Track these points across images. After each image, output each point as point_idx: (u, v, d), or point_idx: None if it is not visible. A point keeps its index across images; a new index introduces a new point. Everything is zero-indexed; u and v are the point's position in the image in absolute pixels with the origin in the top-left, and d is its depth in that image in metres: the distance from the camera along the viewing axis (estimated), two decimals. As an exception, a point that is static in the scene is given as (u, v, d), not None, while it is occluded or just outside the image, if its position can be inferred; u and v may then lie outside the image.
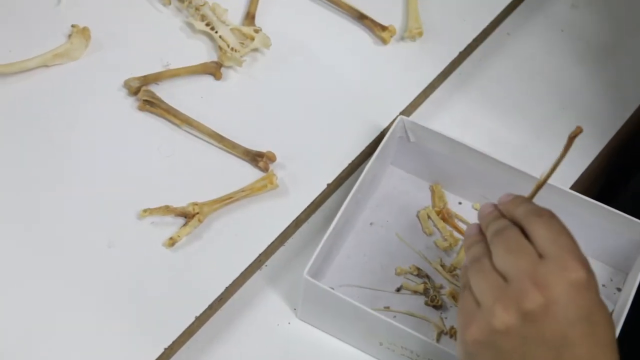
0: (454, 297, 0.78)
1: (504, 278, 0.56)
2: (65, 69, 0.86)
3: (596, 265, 0.80)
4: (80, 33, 0.87)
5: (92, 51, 0.87)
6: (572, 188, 0.82)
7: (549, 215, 0.58)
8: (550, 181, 0.62)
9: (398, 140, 0.82)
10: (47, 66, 0.85)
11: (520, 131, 0.88)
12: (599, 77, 0.93)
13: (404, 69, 0.90)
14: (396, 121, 0.80)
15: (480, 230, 0.61)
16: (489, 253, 0.58)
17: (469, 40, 0.92)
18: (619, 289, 0.80)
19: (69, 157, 0.80)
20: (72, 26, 0.87)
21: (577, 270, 0.54)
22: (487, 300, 0.56)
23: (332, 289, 0.73)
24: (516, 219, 0.59)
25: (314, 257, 0.71)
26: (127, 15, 0.91)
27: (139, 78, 0.85)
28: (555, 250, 0.55)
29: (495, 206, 0.62)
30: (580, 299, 0.54)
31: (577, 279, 0.54)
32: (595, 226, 0.77)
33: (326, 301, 0.71)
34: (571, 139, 0.59)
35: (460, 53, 0.91)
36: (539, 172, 0.76)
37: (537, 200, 0.61)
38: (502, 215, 0.60)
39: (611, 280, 0.81)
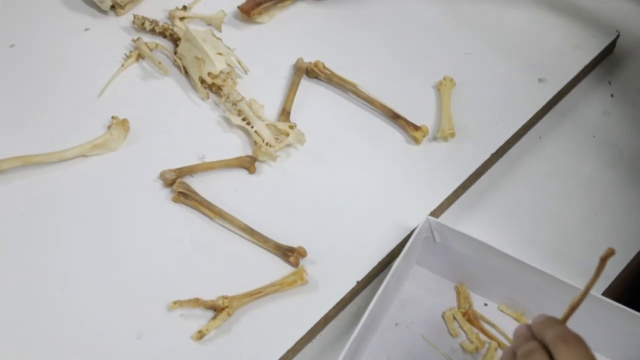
0: (481, 401, 0.77)
1: None
2: (103, 159, 0.88)
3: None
4: (120, 124, 0.89)
5: (130, 142, 0.89)
6: (604, 294, 0.81)
7: (575, 342, 0.59)
8: (581, 287, 0.61)
9: (424, 240, 0.82)
10: (85, 156, 0.87)
11: (550, 235, 0.88)
12: (631, 183, 0.93)
13: (436, 169, 0.90)
14: (423, 221, 0.80)
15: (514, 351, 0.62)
16: None
17: (500, 142, 0.93)
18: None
19: (102, 246, 0.82)
20: (112, 117, 0.90)
21: None
22: None
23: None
24: (545, 342, 0.60)
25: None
26: (165, 108, 0.93)
27: (174, 170, 0.86)
28: None
29: (528, 327, 0.63)
30: None
31: None
32: (628, 333, 0.76)
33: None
34: (603, 260, 0.59)
35: (492, 155, 0.92)
36: (567, 277, 0.77)
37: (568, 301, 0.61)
38: (534, 336, 0.61)
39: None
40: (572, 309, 0.61)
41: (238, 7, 1.00)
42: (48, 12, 1.00)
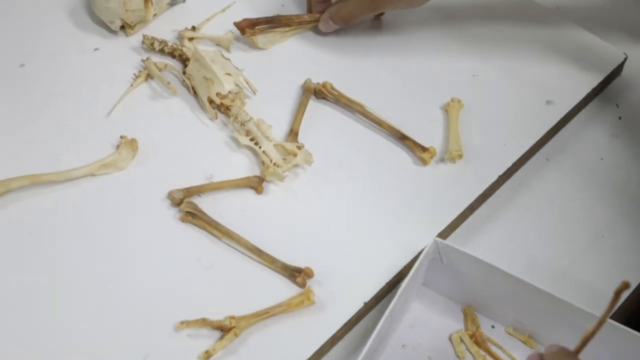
0: None
1: None
2: (111, 178, 0.88)
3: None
4: (129, 144, 0.89)
5: (138, 162, 0.90)
6: (612, 318, 0.81)
7: None
8: (591, 311, 0.61)
9: (431, 261, 0.82)
10: (94, 175, 0.88)
11: (558, 257, 0.88)
12: (638, 206, 0.93)
13: (443, 190, 0.90)
14: (430, 243, 0.80)
15: None
16: None
17: (508, 164, 0.93)
18: None
19: (109, 264, 0.82)
20: (121, 137, 0.90)
21: None
22: None
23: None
24: None
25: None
26: (174, 128, 0.93)
27: (182, 190, 0.86)
28: None
29: (540, 356, 0.62)
30: None
31: None
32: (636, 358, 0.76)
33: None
34: (617, 294, 0.58)
35: (500, 177, 0.92)
36: (576, 299, 0.77)
37: (580, 328, 0.60)
38: None
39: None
40: (585, 340, 0.61)
41: (234, 23, 1.00)
42: (58, 32, 1.01)
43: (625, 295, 0.82)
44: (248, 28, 1.00)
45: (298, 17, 1.03)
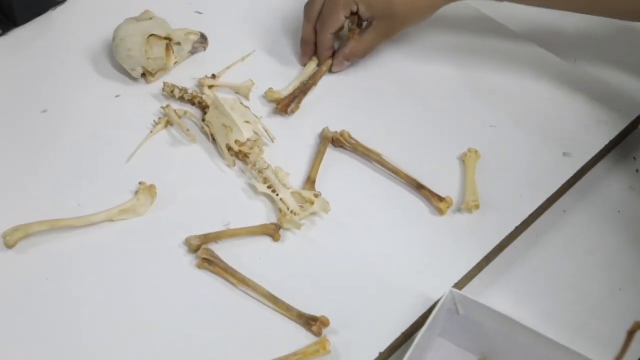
0: None
1: None
2: (130, 224, 0.89)
3: None
4: (147, 190, 0.90)
5: (156, 208, 0.90)
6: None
7: None
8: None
9: (447, 312, 0.82)
10: (112, 221, 0.88)
11: (575, 310, 0.87)
12: (656, 259, 0.93)
13: (460, 240, 0.90)
14: (446, 293, 0.80)
15: None
16: None
17: (525, 215, 0.93)
18: None
19: (126, 311, 0.82)
20: (140, 183, 0.91)
21: None
22: None
23: None
24: None
25: None
26: (192, 174, 0.94)
27: (199, 236, 0.87)
28: None
29: None
30: None
31: None
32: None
33: None
34: (630, 334, 0.58)
35: (517, 228, 0.92)
36: (592, 352, 0.76)
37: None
38: None
39: None
40: None
41: (276, 107, 1.01)
42: (80, 79, 1.02)
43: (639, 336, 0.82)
44: (289, 105, 1.00)
45: (319, 72, 1.04)
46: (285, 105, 1.00)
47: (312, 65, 1.06)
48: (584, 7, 1.01)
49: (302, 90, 1.02)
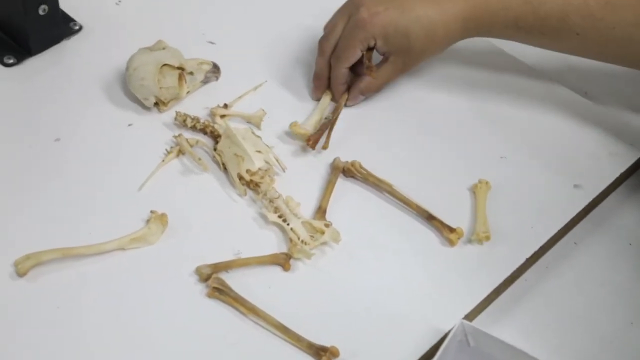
0: None
1: None
2: (141, 252, 0.89)
3: None
4: (159, 219, 0.90)
5: (167, 236, 0.90)
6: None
7: None
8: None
9: (458, 343, 0.82)
10: (123, 249, 0.88)
11: (586, 343, 0.87)
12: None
13: (470, 272, 0.90)
14: (457, 325, 0.80)
15: None
16: None
17: (536, 247, 0.92)
18: None
19: (136, 338, 0.82)
20: (151, 212, 0.91)
21: None
22: None
23: None
24: None
25: None
26: (204, 203, 0.94)
27: (210, 265, 0.87)
28: None
29: None
30: None
31: None
32: None
33: None
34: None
35: (527, 259, 0.92)
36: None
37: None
38: None
39: None
40: None
41: (306, 142, 1.00)
42: (93, 108, 1.03)
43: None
44: (317, 141, 1.00)
45: (339, 106, 1.04)
46: (315, 141, 1.00)
47: (327, 99, 1.06)
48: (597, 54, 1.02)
49: (329, 125, 1.02)
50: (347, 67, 1.04)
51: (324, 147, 1.01)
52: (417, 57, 1.03)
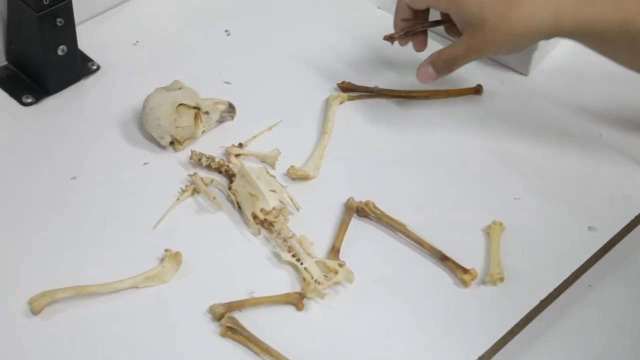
0: None
1: None
2: (155, 291, 0.89)
3: None
4: (173, 258, 0.90)
5: (181, 275, 0.91)
6: None
7: None
8: None
9: (473, 385, 0.81)
10: (137, 287, 0.89)
11: (602, 386, 0.87)
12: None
13: (484, 313, 0.90)
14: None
15: None
16: None
17: (550, 289, 0.92)
18: None
19: (149, 378, 0.82)
20: (165, 250, 0.91)
21: None
22: None
23: None
24: None
25: None
26: (218, 242, 0.95)
27: (223, 305, 0.87)
28: None
29: None
30: None
31: None
32: None
33: None
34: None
35: (541, 301, 0.91)
36: None
37: None
38: None
39: None
40: None
41: (338, 84, 1.10)
42: (109, 146, 1.04)
43: None
44: (348, 90, 1.09)
45: (392, 91, 1.10)
46: (347, 87, 1.10)
47: (327, 138, 1.06)
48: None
49: (368, 90, 1.11)
50: (410, 6, 1.01)
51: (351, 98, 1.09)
52: (491, 36, 0.93)
